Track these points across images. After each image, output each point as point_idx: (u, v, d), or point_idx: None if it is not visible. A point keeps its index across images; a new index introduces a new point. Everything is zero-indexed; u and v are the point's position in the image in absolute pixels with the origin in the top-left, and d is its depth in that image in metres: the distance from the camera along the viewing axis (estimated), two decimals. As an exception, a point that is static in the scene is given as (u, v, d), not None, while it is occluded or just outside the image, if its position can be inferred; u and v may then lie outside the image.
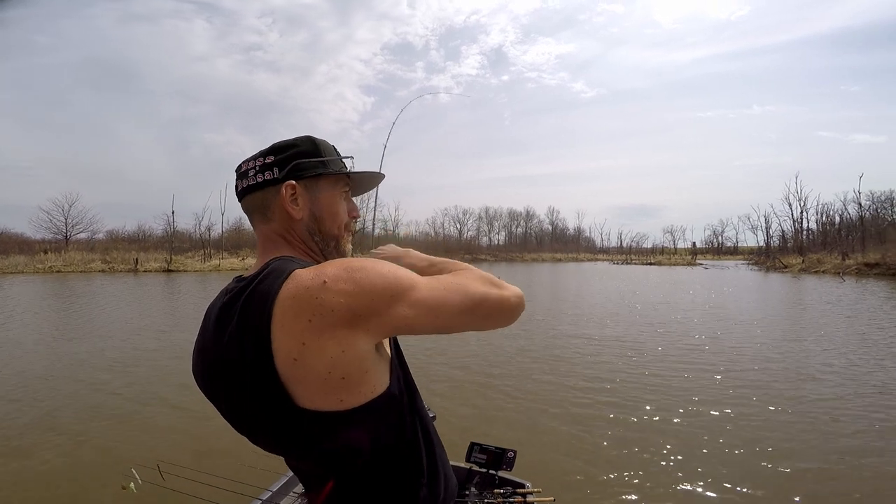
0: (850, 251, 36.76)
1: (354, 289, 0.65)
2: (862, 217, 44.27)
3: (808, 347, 7.57)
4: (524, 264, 52.03)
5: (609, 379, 5.69)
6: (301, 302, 0.64)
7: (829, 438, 3.91)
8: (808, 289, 20.27)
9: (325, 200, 0.84)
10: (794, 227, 50.56)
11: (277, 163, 0.80)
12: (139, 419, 4.45)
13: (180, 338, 8.38)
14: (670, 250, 79.42)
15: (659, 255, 71.23)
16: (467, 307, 0.74)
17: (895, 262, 27.18)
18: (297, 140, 0.83)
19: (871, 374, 5.86)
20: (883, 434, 4.00)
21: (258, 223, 0.83)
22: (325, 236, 0.85)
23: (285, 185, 0.80)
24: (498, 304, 0.76)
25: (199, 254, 38.58)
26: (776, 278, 29.14)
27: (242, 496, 1.74)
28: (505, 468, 1.68)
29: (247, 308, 0.67)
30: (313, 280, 0.65)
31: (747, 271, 37.66)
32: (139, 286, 20.19)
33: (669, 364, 6.43)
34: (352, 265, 0.68)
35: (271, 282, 0.67)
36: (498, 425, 4.26)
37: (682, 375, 5.84)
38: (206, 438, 3.93)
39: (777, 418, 4.40)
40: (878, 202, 45.57)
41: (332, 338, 0.64)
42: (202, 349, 0.75)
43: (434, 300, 0.71)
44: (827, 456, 3.59)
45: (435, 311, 0.71)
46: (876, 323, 10.03)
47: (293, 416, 0.66)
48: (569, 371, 6.12)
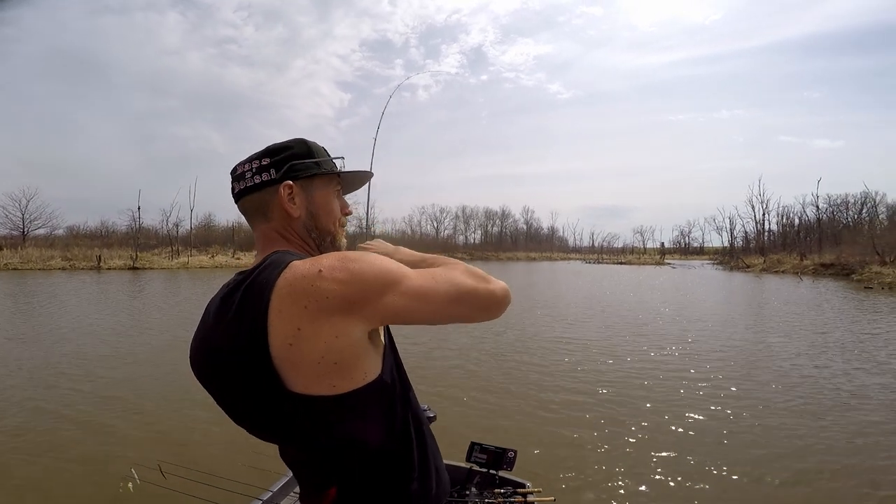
0: (808, 252, 38.73)
1: (349, 277, 0.68)
2: (819, 220, 46.70)
3: (795, 349, 7.96)
4: (499, 263, 52.60)
5: (609, 379, 5.71)
6: (298, 289, 0.67)
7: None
8: (770, 288, 21.30)
9: (320, 199, 0.88)
10: (757, 229, 52.99)
11: (274, 164, 0.83)
12: (139, 419, 4.41)
13: (180, 337, 8.33)
14: (640, 250, 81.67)
15: (629, 255, 73.20)
16: (455, 298, 0.77)
17: (849, 263, 28.74)
18: (291, 142, 0.87)
19: (822, 366, 6.27)
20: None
21: (257, 223, 0.86)
22: (321, 232, 0.88)
23: (283, 185, 0.83)
24: (485, 296, 0.80)
25: (166, 251, 37.32)
26: (739, 277, 30.45)
27: (242, 496, 1.74)
28: (505, 468, 1.69)
29: (246, 297, 0.70)
30: (310, 269, 0.68)
31: (712, 270, 39.22)
32: (104, 283, 19.39)
33: (668, 364, 6.48)
34: (347, 256, 0.72)
35: (270, 272, 0.70)
36: (498, 425, 4.26)
37: (682, 375, 5.89)
38: (206, 439, 3.91)
39: (769, 419, 4.47)
40: (835, 205, 48.24)
41: (326, 323, 0.67)
42: (201, 339, 0.77)
43: (424, 290, 0.74)
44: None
45: (425, 301, 0.74)
46: (832, 323, 10.63)
47: (285, 400, 0.69)
48: (569, 372, 6.12)
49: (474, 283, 0.79)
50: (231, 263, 36.05)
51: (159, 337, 8.54)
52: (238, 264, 36.07)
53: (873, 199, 44.75)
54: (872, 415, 4.52)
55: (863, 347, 7.72)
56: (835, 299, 15.84)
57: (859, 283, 22.42)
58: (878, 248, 27.11)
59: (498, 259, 64.28)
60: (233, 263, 36.11)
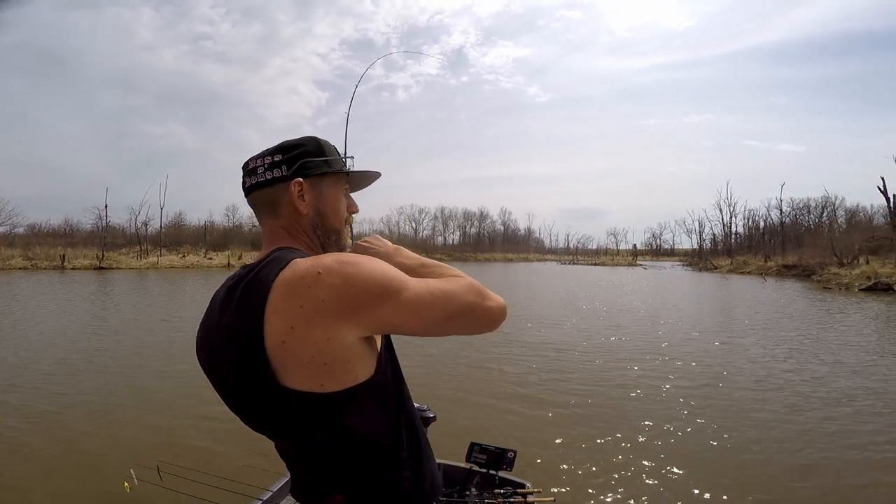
0: (772, 254, 40.31)
1: (345, 283, 0.69)
2: (782, 223, 48.67)
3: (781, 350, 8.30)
4: (477, 264, 52.85)
5: (609, 380, 5.74)
6: (295, 288, 0.69)
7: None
8: (736, 288, 22.16)
9: (328, 197, 0.90)
10: (724, 231, 54.76)
11: (286, 161, 0.85)
12: (139, 419, 4.36)
13: (179, 336, 8.26)
14: (613, 251, 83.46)
15: (603, 256, 74.76)
16: (452, 314, 0.77)
17: (809, 264, 30.09)
18: (303, 140, 0.88)
19: (781, 359, 6.63)
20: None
21: (265, 218, 0.88)
22: (327, 230, 0.90)
23: (293, 182, 0.84)
24: (482, 314, 0.80)
25: (134, 250, 36.07)
26: (708, 278, 31.51)
27: (242, 496, 1.74)
28: (505, 468, 1.69)
29: (246, 292, 0.72)
30: (309, 270, 0.70)
31: (682, 272, 40.49)
32: (71, 284, 18.65)
33: (667, 365, 6.53)
34: (347, 260, 0.72)
35: (271, 269, 0.73)
36: (498, 426, 4.27)
37: (680, 376, 5.93)
38: (206, 439, 3.89)
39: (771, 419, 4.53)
40: (798, 209, 50.31)
41: (319, 325, 0.68)
42: (205, 330, 0.81)
43: (421, 304, 0.75)
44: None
45: (420, 316, 0.75)
46: (790, 317, 11.17)
47: (277, 395, 0.71)
48: (569, 372, 6.13)
49: (473, 299, 0.79)
50: (203, 263, 35.13)
51: (160, 337, 8.44)
52: (210, 264, 35.18)
53: (833, 203, 47.05)
54: (831, 406, 4.83)
55: (825, 345, 8.16)
56: (799, 300, 16.63)
57: (819, 284, 23.54)
58: (837, 250, 28.48)
59: (476, 260, 64.60)
60: (205, 264, 35.20)
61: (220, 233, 46.46)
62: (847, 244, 29.43)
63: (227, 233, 46.65)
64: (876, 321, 11.27)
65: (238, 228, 49.05)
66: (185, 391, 5.12)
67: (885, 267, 23.15)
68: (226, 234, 46.30)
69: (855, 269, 24.19)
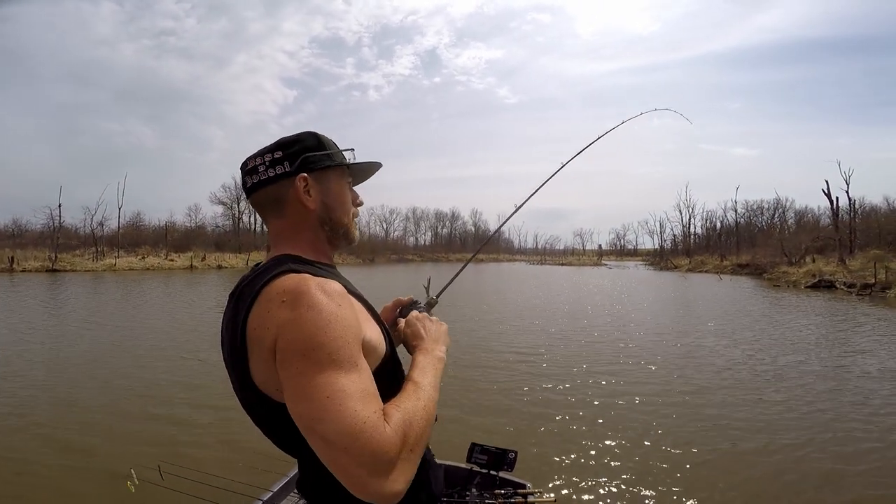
0: (728, 253, 42.43)
1: (290, 322, 0.68)
2: (737, 224, 51.21)
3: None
4: (449, 264, 53.04)
5: (609, 380, 5.75)
6: (263, 305, 0.71)
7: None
8: (694, 284, 23.26)
9: (335, 190, 0.88)
10: (684, 232, 57.19)
11: (287, 157, 0.83)
12: (139, 420, 4.35)
13: (181, 338, 8.23)
14: (580, 251, 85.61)
15: (570, 257, 76.62)
16: (326, 440, 0.64)
17: (761, 263, 31.87)
18: (302, 135, 0.86)
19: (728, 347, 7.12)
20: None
21: (271, 218, 0.87)
22: (334, 225, 0.88)
23: (298, 177, 0.83)
24: (353, 475, 0.63)
25: (89, 251, 34.37)
26: (669, 276, 32.88)
27: (242, 496, 1.75)
28: (506, 469, 1.67)
29: (243, 295, 0.76)
30: (280, 293, 0.70)
31: (644, 271, 41.99)
32: (30, 287, 17.65)
33: (665, 365, 6.55)
34: (313, 300, 0.68)
35: (263, 276, 0.75)
36: (499, 426, 4.27)
37: (680, 376, 5.98)
38: (206, 439, 3.90)
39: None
40: (751, 210, 53.00)
41: (264, 352, 0.70)
42: (224, 325, 0.83)
43: (315, 398, 0.64)
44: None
45: (297, 404, 0.66)
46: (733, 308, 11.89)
47: (258, 397, 0.74)
48: (569, 373, 6.12)
49: (360, 460, 0.63)
50: (164, 265, 33.84)
51: (159, 337, 8.34)
52: (172, 266, 33.93)
53: (784, 205, 49.89)
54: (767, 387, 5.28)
55: (775, 337, 8.78)
56: (751, 297, 17.65)
57: (769, 282, 25.05)
58: (786, 250, 30.31)
59: (448, 260, 64.87)
60: (166, 265, 33.92)
61: (182, 233, 44.79)
62: (795, 244, 31.38)
63: (189, 233, 45.04)
64: (817, 315, 12.19)
65: (200, 229, 47.50)
66: (185, 391, 5.13)
67: (828, 265, 24.86)
68: (188, 234, 44.67)
69: (802, 268, 25.85)
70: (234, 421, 4.02)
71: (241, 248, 43.47)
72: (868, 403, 4.92)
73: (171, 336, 8.49)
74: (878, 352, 7.52)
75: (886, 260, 21.14)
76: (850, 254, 26.60)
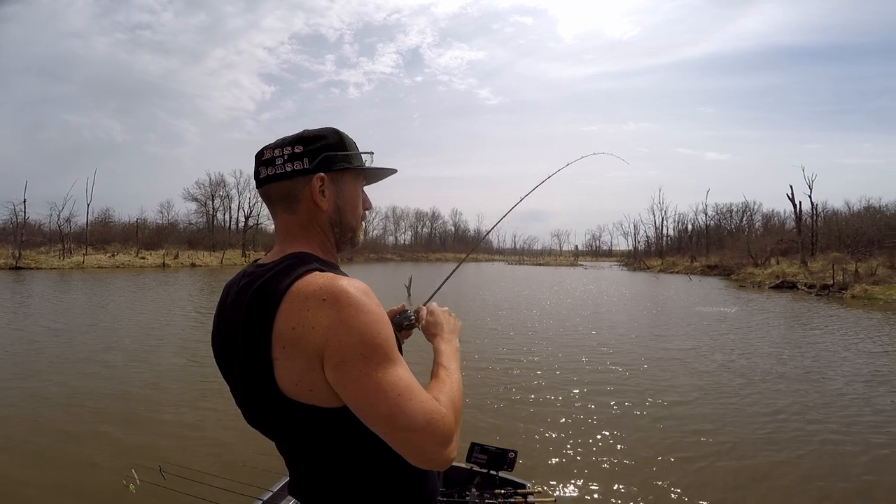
0: (698, 255, 43.81)
1: (338, 324, 0.68)
2: (707, 226, 52.90)
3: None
4: (429, 263, 53.06)
5: (609, 381, 5.79)
6: (297, 305, 0.69)
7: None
8: (666, 284, 24.03)
9: (348, 193, 0.86)
10: (657, 234, 58.65)
11: (307, 153, 0.81)
12: (139, 420, 4.36)
13: (178, 338, 8.24)
14: (556, 252, 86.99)
15: (547, 257, 77.81)
16: (398, 426, 0.69)
17: (729, 264, 33.10)
18: (325, 132, 0.84)
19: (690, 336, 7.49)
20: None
21: (280, 212, 0.84)
22: (344, 228, 0.87)
23: (316, 177, 0.81)
24: (426, 450, 0.71)
25: (56, 249, 33.09)
26: (642, 276, 33.85)
27: (242, 496, 1.76)
28: (506, 468, 1.68)
29: (259, 295, 0.72)
30: (316, 292, 0.69)
31: (619, 271, 43.11)
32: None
33: (665, 364, 6.67)
34: (356, 300, 0.69)
35: (284, 277, 0.72)
36: (499, 426, 4.29)
37: (679, 377, 6.04)
38: (206, 439, 3.92)
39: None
40: (721, 213, 54.75)
41: (302, 354, 0.69)
42: (218, 322, 0.82)
43: (382, 392, 0.69)
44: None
45: (372, 402, 0.69)
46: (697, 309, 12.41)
47: (277, 399, 0.72)
48: (569, 373, 6.15)
49: (431, 434, 0.71)
50: (136, 263, 32.87)
51: (158, 337, 8.30)
52: (144, 264, 32.98)
53: (752, 208, 51.81)
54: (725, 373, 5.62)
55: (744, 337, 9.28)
56: (718, 296, 18.39)
57: (736, 282, 26.11)
58: (752, 252, 31.54)
59: (427, 260, 64.85)
60: (137, 263, 32.95)
61: (154, 231, 43.50)
62: (761, 246, 32.69)
63: (160, 231, 43.78)
64: (770, 314, 12.90)
65: (173, 226, 46.24)
66: (185, 391, 5.16)
67: (791, 267, 26.01)
68: (159, 231, 43.42)
69: (767, 269, 26.99)
70: (234, 421, 4.02)
71: (215, 246, 42.56)
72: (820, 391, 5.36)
73: (168, 336, 8.41)
74: (829, 344, 8.08)
75: (845, 262, 22.25)
76: (812, 256, 27.87)
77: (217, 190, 50.70)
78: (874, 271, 19.86)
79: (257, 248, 46.95)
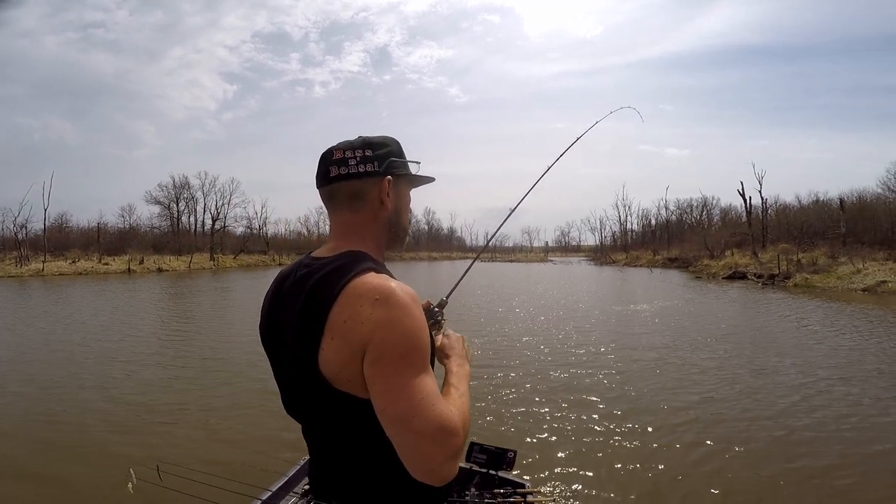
0: (660, 248, 45.63)
1: (385, 323, 0.73)
2: (668, 221, 55.05)
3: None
4: (403, 262, 52.76)
5: (609, 380, 5.74)
6: (351, 300, 0.74)
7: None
8: (629, 278, 25.08)
9: (405, 198, 0.95)
10: (622, 229, 60.69)
11: (377, 157, 0.87)
12: (137, 419, 4.40)
13: (179, 338, 8.40)
14: (527, 248, 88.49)
15: (518, 254, 79.10)
16: (412, 430, 0.72)
17: (688, 257, 34.81)
18: (387, 140, 0.91)
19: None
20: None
21: (342, 210, 0.89)
22: (398, 228, 0.94)
23: (385, 179, 0.87)
24: (430, 459, 0.73)
25: (12, 256, 31.66)
26: (607, 270, 35.11)
27: (242, 496, 1.74)
28: (505, 468, 1.66)
29: (317, 288, 0.77)
30: (370, 291, 0.74)
31: (587, 266, 44.41)
32: None
33: (666, 366, 6.55)
34: (405, 302, 0.75)
35: (344, 273, 0.77)
36: (498, 425, 4.28)
37: (679, 376, 6.03)
38: (205, 438, 3.95)
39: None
40: (682, 208, 56.81)
41: (347, 346, 0.74)
42: (269, 310, 0.88)
43: (407, 395, 0.72)
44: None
45: (396, 403, 0.73)
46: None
47: (318, 385, 0.77)
48: (569, 373, 6.11)
49: (442, 444, 0.73)
50: (99, 269, 31.78)
51: (159, 338, 8.47)
52: (108, 270, 31.92)
53: (710, 203, 54.06)
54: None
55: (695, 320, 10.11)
56: (676, 287, 19.51)
57: (693, 273, 27.59)
58: (709, 245, 33.26)
59: (401, 259, 64.58)
60: (101, 269, 31.86)
61: (115, 235, 41.97)
62: (717, 239, 34.50)
63: (122, 235, 42.27)
64: (731, 302, 13.98)
65: (135, 230, 44.77)
66: (185, 391, 5.22)
67: (743, 258, 27.68)
68: (122, 236, 41.90)
69: (721, 261, 28.61)
70: (234, 420, 4.22)
71: (181, 250, 41.31)
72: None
73: (166, 338, 8.51)
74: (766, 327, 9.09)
75: (792, 253, 23.90)
76: (763, 247, 29.66)
77: (181, 192, 49.35)
78: (815, 261, 21.46)
79: (225, 251, 46.01)
